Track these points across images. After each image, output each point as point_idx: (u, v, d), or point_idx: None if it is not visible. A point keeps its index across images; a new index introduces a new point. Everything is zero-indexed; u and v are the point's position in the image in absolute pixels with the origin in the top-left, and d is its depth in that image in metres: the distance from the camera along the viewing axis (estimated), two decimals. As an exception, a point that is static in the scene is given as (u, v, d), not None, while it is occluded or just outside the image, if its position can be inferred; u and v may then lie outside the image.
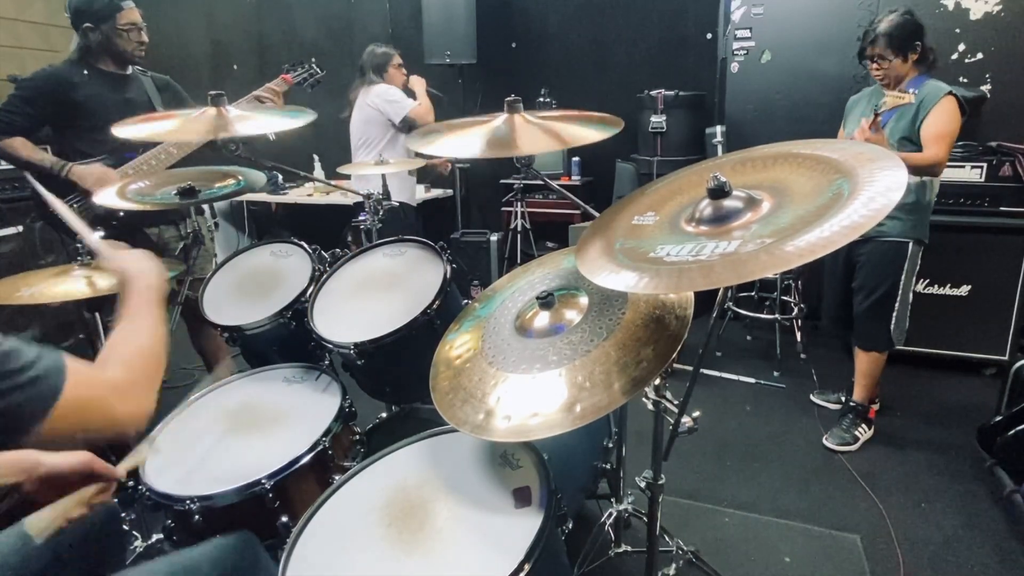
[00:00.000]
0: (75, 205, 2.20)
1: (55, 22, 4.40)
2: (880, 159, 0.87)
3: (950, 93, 2.12)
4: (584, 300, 1.21)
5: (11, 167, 3.17)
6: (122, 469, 1.04)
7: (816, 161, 0.95)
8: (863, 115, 2.26)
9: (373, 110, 3.23)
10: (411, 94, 3.30)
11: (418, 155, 2.93)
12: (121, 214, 2.20)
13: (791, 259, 0.76)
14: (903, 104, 2.03)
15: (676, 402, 1.21)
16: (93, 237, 1.16)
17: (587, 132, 1.35)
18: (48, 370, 0.78)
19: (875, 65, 2.22)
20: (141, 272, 1.07)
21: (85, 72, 2.26)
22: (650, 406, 1.25)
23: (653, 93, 3.68)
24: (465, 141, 1.37)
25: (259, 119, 1.65)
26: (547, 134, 1.34)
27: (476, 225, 4.56)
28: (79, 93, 2.22)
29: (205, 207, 3.38)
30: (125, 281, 1.05)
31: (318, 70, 2.75)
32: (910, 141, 2.18)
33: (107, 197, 1.79)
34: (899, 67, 2.19)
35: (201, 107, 1.61)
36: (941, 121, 2.11)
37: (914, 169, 2.10)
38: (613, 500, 1.78)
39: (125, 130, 1.52)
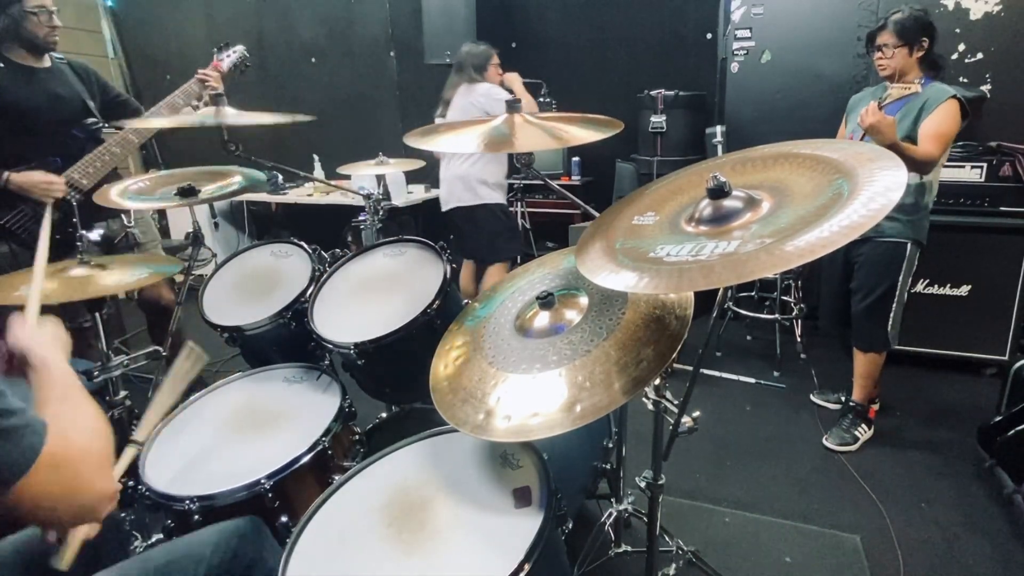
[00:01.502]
0: (24, 218, 2.13)
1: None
2: (880, 159, 0.88)
3: (955, 96, 2.13)
4: (584, 300, 1.21)
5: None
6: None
7: (816, 161, 0.95)
8: None
9: (479, 111, 3.05)
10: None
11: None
12: (75, 219, 2.16)
13: (791, 259, 0.76)
14: (908, 95, 2.04)
15: (676, 402, 1.21)
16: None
17: (585, 132, 1.35)
18: (32, 422, 0.71)
19: (880, 54, 2.23)
20: (45, 350, 0.91)
21: (1, 66, 2.12)
22: (650, 406, 1.25)
23: (653, 93, 3.68)
24: (464, 139, 1.38)
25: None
26: (545, 133, 1.34)
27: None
28: (3, 93, 2.08)
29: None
30: (36, 367, 0.89)
31: (246, 53, 2.57)
32: (910, 140, 2.19)
33: (107, 198, 1.79)
34: (904, 59, 2.20)
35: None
36: (941, 121, 2.12)
37: (906, 161, 2.11)
38: (613, 500, 1.78)
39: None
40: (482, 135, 1.35)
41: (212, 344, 2.73)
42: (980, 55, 2.94)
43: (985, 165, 2.79)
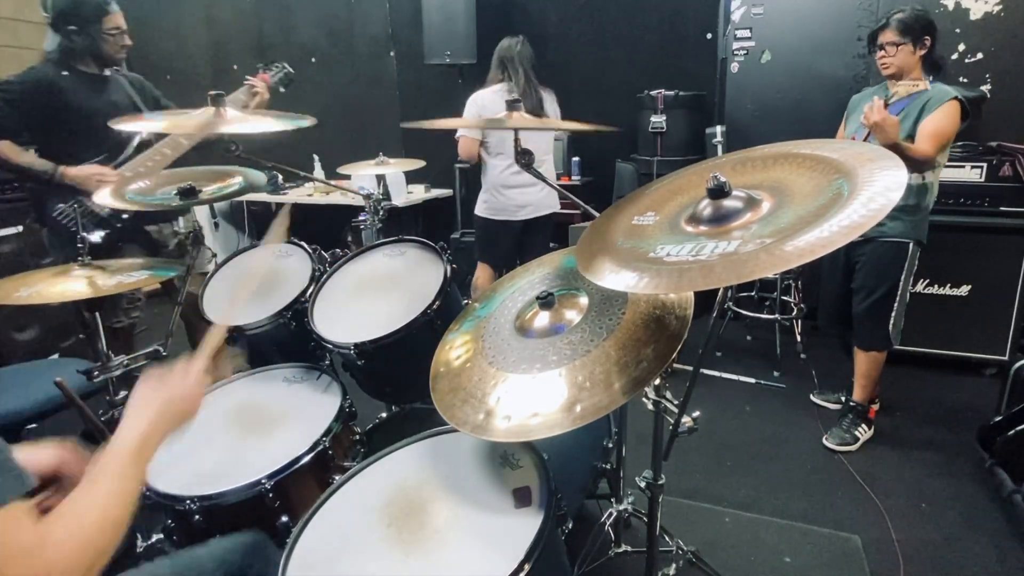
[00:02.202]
0: (77, 208, 2.22)
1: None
2: (880, 159, 0.87)
3: (956, 98, 2.13)
4: (584, 300, 1.21)
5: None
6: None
7: (816, 161, 0.95)
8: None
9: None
10: None
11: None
12: (125, 215, 2.23)
13: (791, 259, 0.76)
14: (916, 91, 2.04)
15: (676, 402, 1.21)
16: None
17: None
18: None
19: (883, 53, 2.23)
20: (159, 408, 0.91)
21: (66, 74, 2.24)
22: (650, 406, 1.25)
23: (653, 93, 3.68)
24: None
25: (254, 121, 1.65)
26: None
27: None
28: (65, 96, 2.21)
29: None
30: (141, 411, 0.90)
31: (290, 68, 2.71)
32: (911, 139, 2.18)
33: (105, 198, 1.79)
34: (907, 57, 2.20)
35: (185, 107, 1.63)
36: (940, 121, 2.12)
37: (905, 160, 2.11)
38: (613, 500, 1.78)
39: (126, 125, 1.55)
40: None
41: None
42: (980, 55, 2.94)
43: (985, 165, 2.79)
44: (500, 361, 1.15)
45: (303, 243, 2.03)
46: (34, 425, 1.85)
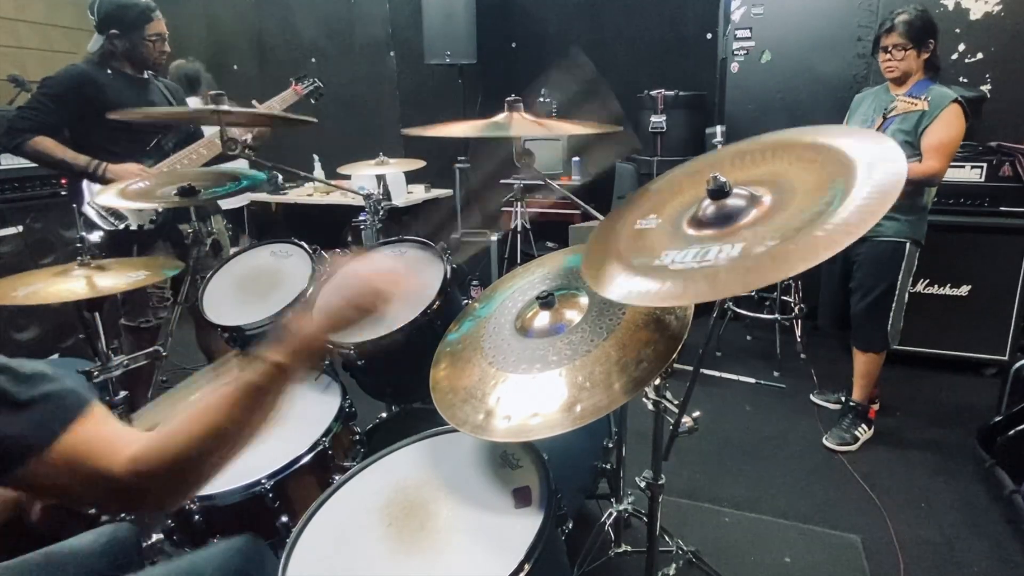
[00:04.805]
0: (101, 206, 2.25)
1: (55, 22, 4.40)
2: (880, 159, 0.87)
3: (956, 100, 2.11)
4: (584, 300, 1.21)
5: (12, 168, 3.18)
6: None
7: (816, 151, 0.93)
8: (873, 113, 2.28)
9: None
10: None
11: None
12: (160, 210, 2.28)
13: (798, 264, 0.75)
14: (914, 111, 2.03)
15: (676, 402, 1.21)
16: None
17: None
18: (64, 393, 0.68)
19: (888, 56, 2.21)
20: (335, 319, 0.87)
21: (109, 72, 2.30)
22: (650, 406, 1.25)
23: (653, 93, 3.69)
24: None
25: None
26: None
27: (476, 225, 4.56)
28: (106, 93, 2.24)
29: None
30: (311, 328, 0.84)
31: (320, 83, 2.83)
32: (910, 145, 2.18)
33: (108, 197, 1.79)
34: (912, 60, 2.19)
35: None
36: (944, 131, 2.11)
37: (912, 181, 2.10)
38: (613, 500, 1.78)
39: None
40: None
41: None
42: (980, 55, 2.94)
43: (985, 165, 2.79)
44: (500, 361, 1.15)
45: (303, 243, 2.03)
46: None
